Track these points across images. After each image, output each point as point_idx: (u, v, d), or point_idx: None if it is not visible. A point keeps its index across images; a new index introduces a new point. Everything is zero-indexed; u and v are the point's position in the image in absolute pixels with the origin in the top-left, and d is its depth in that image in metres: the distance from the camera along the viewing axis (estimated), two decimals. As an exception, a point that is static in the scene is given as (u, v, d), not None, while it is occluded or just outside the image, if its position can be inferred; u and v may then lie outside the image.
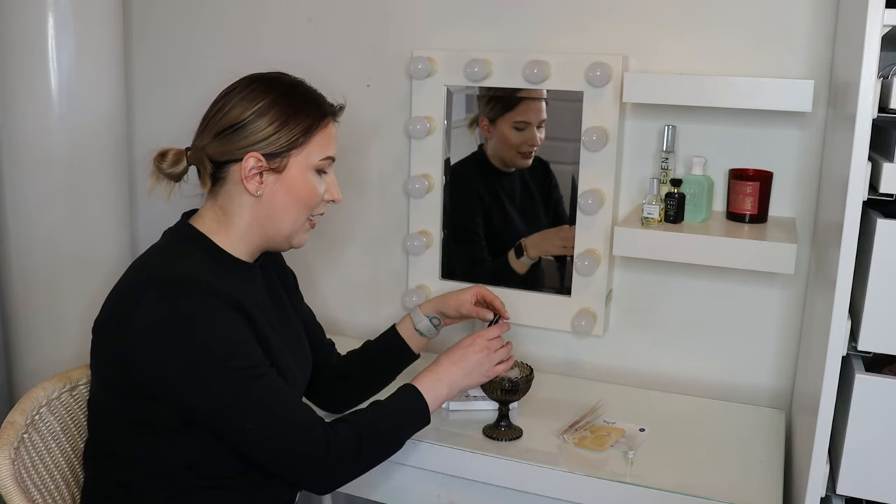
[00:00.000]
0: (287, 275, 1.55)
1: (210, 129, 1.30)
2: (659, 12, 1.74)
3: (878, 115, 1.14)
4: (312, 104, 1.33)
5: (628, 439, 1.58)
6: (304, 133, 1.30)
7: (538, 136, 1.85)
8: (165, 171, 1.31)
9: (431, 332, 1.59)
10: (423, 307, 1.60)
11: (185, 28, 2.20)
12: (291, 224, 1.34)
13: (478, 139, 1.91)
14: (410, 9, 1.95)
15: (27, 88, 1.93)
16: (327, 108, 1.35)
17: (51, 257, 2.01)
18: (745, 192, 1.66)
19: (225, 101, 1.30)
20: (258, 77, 1.33)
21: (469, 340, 1.46)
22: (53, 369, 1.74)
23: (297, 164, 1.31)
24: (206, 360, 1.20)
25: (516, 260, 1.91)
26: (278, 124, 1.28)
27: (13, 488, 1.23)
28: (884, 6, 1.10)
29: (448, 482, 1.57)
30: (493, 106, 1.87)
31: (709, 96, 1.57)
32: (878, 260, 1.16)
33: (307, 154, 1.31)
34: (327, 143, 1.34)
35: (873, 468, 1.21)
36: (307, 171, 1.32)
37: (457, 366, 1.42)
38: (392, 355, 1.60)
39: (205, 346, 1.20)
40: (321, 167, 1.34)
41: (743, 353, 1.81)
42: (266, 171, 1.29)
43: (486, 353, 1.45)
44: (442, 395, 1.40)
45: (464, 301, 1.57)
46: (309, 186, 1.33)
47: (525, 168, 1.89)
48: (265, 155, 1.28)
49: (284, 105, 1.29)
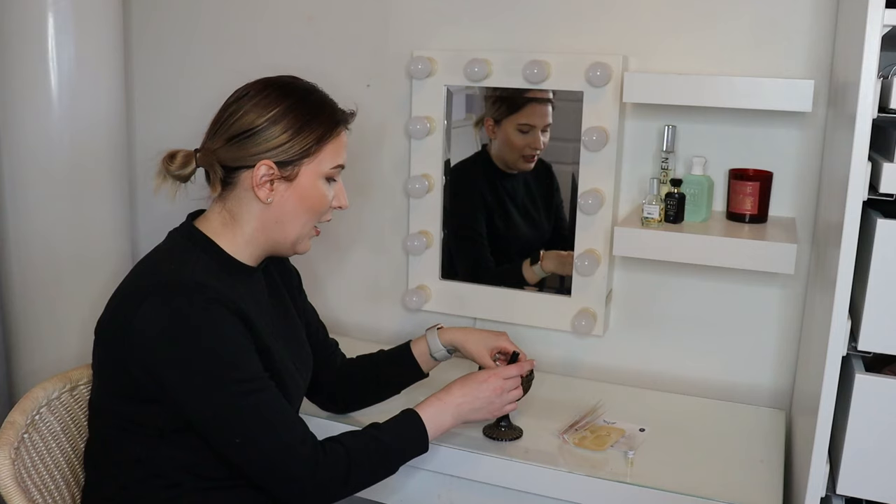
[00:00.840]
0: (291, 274, 1.54)
1: (221, 133, 1.29)
2: (659, 12, 1.74)
3: (878, 115, 1.14)
4: (326, 112, 1.32)
5: (628, 439, 1.58)
6: (316, 142, 1.29)
7: (542, 139, 1.85)
8: (173, 172, 1.30)
9: (443, 356, 1.58)
10: (443, 335, 1.56)
11: (185, 28, 2.19)
12: (299, 231, 1.34)
13: (482, 139, 1.91)
14: (410, 9, 1.95)
15: (27, 88, 1.93)
16: (340, 115, 1.34)
17: (51, 257, 2.01)
18: (745, 192, 1.66)
19: (237, 105, 1.29)
20: (272, 82, 1.31)
21: (485, 376, 1.43)
22: (53, 369, 1.74)
23: (308, 172, 1.30)
24: (204, 369, 1.19)
25: (530, 268, 1.91)
26: (292, 132, 1.27)
27: (13, 488, 1.23)
28: (884, 6, 1.10)
29: (448, 482, 1.57)
30: (499, 107, 1.86)
31: (709, 96, 1.57)
32: (878, 260, 1.15)
33: (318, 163, 1.31)
34: (338, 151, 1.33)
35: (873, 468, 1.21)
36: (317, 179, 1.31)
37: (467, 399, 1.40)
38: (401, 371, 1.59)
39: (204, 354, 1.19)
40: (331, 175, 1.33)
41: (743, 353, 1.81)
42: (277, 179, 1.28)
43: (499, 393, 1.42)
44: (446, 424, 1.38)
45: (482, 354, 1.53)
46: (318, 194, 1.32)
47: (527, 171, 1.88)
48: (277, 163, 1.27)
49: (298, 113, 1.28)
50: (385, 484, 1.61)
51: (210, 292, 1.21)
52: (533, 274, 1.91)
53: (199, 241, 1.31)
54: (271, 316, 1.39)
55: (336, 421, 1.61)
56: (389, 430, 1.34)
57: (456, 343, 1.56)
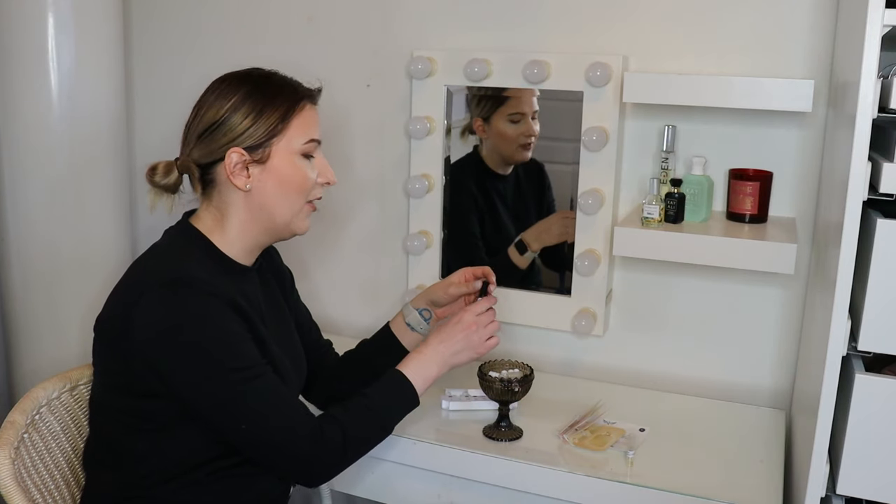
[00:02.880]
0: (284, 274, 1.55)
1: (192, 135, 1.32)
2: (659, 12, 1.74)
3: (878, 115, 1.14)
4: (286, 91, 1.33)
5: (628, 439, 1.58)
6: (281, 120, 1.30)
7: (534, 126, 1.85)
8: (159, 183, 1.33)
9: (422, 326, 1.58)
10: (414, 301, 1.60)
11: (185, 28, 2.20)
12: (289, 211, 1.34)
13: (472, 143, 1.91)
14: (410, 9, 1.95)
15: (27, 88, 1.93)
16: (303, 91, 1.35)
17: (51, 257, 2.01)
18: (745, 192, 1.66)
19: (200, 103, 1.32)
20: (229, 75, 1.34)
21: (457, 318, 1.44)
22: (53, 369, 1.74)
23: (280, 151, 1.31)
24: (204, 360, 1.21)
25: (519, 256, 1.91)
26: (254, 115, 1.29)
27: (13, 488, 1.23)
28: (884, 6, 1.10)
29: (448, 482, 1.58)
30: (484, 105, 1.86)
31: (709, 96, 1.57)
32: (878, 260, 1.15)
33: (288, 140, 1.31)
34: (307, 126, 1.34)
35: (873, 468, 1.21)
36: (292, 156, 1.32)
37: (445, 344, 1.41)
38: (385, 352, 1.59)
39: (203, 346, 1.21)
40: (306, 151, 1.34)
41: (743, 353, 1.81)
42: (251, 164, 1.30)
43: (475, 328, 1.43)
44: (431, 374, 1.40)
45: (451, 282, 1.57)
46: (297, 172, 1.33)
47: (525, 162, 1.88)
48: (247, 148, 1.29)
49: (258, 96, 1.30)
50: (385, 483, 1.62)
51: (206, 286, 1.22)
52: (524, 260, 1.90)
53: (195, 239, 1.33)
54: (266, 315, 1.39)
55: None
56: (379, 394, 1.36)
57: (427, 295, 1.58)
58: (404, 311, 1.59)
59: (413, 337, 1.59)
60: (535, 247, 1.90)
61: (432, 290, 1.59)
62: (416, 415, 1.37)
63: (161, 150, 1.42)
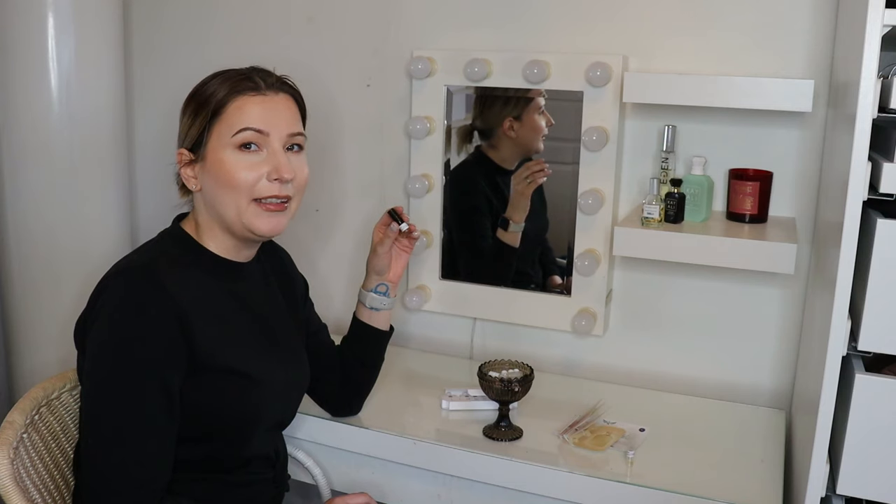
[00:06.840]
0: (294, 280, 1.54)
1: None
2: (659, 12, 1.74)
3: (878, 115, 1.14)
4: (226, 85, 1.29)
5: (628, 439, 1.58)
6: (214, 115, 1.28)
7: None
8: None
9: (384, 302, 1.57)
10: (364, 285, 1.59)
11: (185, 28, 2.20)
12: (232, 208, 1.28)
13: (473, 144, 1.91)
14: (410, 9, 1.95)
15: (27, 88, 1.93)
16: (245, 85, 1.29)
17: (51, 257, 2.01)
18: (745, 192, 1.66)
19: None
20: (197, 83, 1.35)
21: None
22: (53, 369, 1.74)
23: (213, 147, 1.28)
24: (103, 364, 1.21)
25: (506, 233, 1.91)
26: (191, 115, 1.31)
27: (12, 488, 1.23)
28: (884, 6, 1.10)
29: (448, 482, 1.57)
30: (514, 104, 1.85)
31: (709, 96, 1.57)
32: (878, 260, 1.16)
33: (219, 134, 1.28)
34: (240, 116, 1.27)
35: (873, 468, 1.21)
36: (223, 151, 1.27)
37: None
38: (363, 342, 1.58)
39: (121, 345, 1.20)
40: (239, 142, 1.27)
41: (743, 353, 1.81)
42: (194, 163, 1.31)
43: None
44: None
45: (375, 245, 1.55)
46: (224, 167, 1.26)
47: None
48: (191, 149, 1.30)
49: (197, 97, 1.31)
50: (385, 483, 1.62)
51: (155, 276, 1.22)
52: (512, 235, 1.90)
53: (180, 237, 1.34)
54: (255, 313, 1.38)
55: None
56: None
57: (370, 270, 1.57)
58: (362, 300, 1.58)
59: (382, 315, 1.58)
60: (517, 217, 1.90)
61: (370, 264, 1.57)
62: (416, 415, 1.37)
63: (160, 150, 1.43)
